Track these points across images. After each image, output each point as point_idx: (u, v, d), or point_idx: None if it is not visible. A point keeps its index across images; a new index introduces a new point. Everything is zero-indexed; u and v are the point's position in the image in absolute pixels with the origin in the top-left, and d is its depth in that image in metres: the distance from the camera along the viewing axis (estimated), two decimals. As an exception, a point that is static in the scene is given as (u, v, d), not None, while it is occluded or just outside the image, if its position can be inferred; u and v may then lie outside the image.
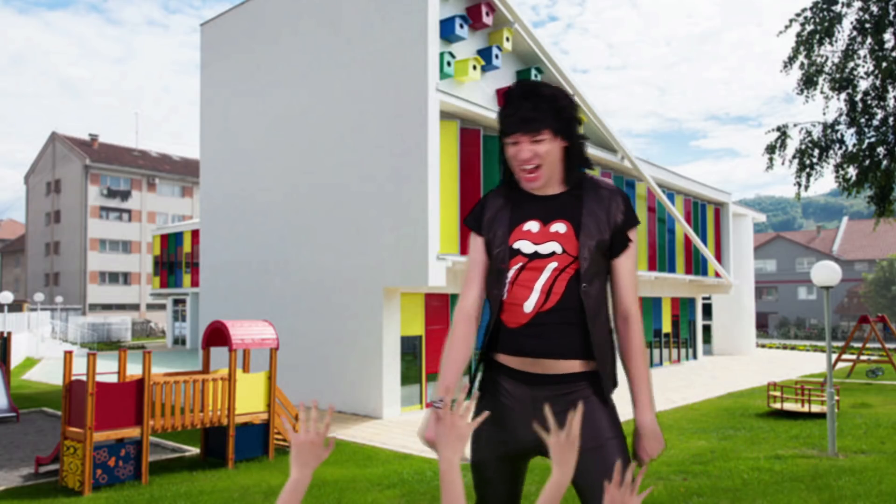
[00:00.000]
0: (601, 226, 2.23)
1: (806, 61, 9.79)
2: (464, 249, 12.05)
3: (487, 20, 12.15)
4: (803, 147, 10.13)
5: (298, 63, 13.43)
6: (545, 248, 2.22)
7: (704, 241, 21.59)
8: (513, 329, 2.22)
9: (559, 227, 2.23)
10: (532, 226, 2.26)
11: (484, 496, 2.33)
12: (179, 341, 31.45)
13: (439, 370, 2.32)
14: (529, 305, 2.19)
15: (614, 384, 2.28)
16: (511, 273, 2.23)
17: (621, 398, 2.21)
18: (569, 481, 1.73)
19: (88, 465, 6.65)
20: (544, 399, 2.12)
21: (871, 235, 53.77)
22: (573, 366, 2.19)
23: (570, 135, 2.23)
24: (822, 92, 9.87)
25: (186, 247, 29.58)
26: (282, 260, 13.50)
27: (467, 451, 2.37)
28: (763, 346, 31.86)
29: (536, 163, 2.19)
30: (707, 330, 25.80)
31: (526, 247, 2.24)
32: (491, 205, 2.37)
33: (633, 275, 2.31)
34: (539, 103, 2.17)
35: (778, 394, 11.50)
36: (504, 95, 2.28)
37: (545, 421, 2.06)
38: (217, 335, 8.16)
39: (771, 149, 10.34)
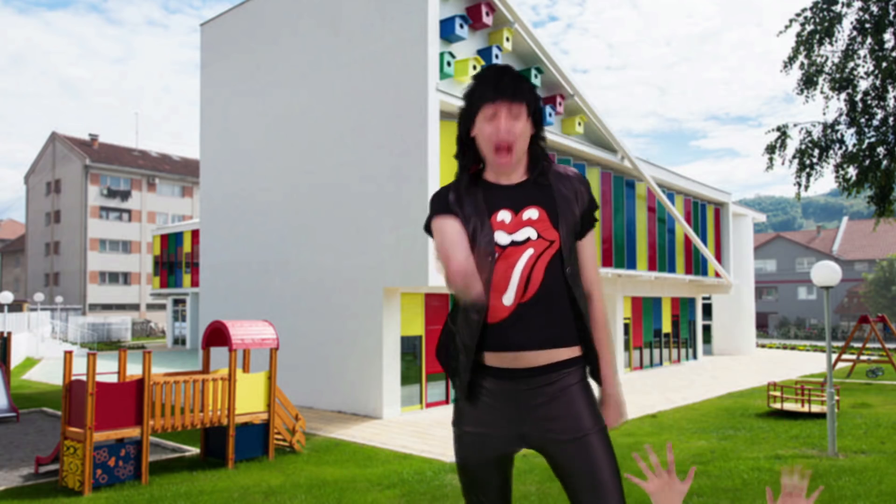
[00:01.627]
0: (574, 208, 2.23)
1: (806, 61, 9.80)
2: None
3: (487, 20, 12.15)
4: (803, 147, 10.14)
5: (298, 63, 13.43)
6: (520, 236, 2.16)
7: (704, 241, 21.59)
8: (494, 325, 2.13)
9: (531, 213, 2.19)
10: (504, 215, 2.19)
11: (476, 498, 2.30)
12: (179, 341, 31.45)
13: (460, 280, 1.94)
14: (509, 298, 2.12)
15: (594, 365, 2.25)
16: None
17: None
18: None
19: (88, 465, 6.65)
20: (527, 391, 2.13)
21: (871, 235, 53.77)
22: (556, 355, 2.16)
23: (538, 121, 2.24)
24: (822, 92, 9.88)
25: (186, 247, 29.59)
26: (282, 260, 13.50)
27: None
28: (763, 346, 31.86)
29: (513, 140, 2.15)
30: (707, 330, 25.81)
31: (501, 238, 2.16)
32: (453, 194, 2.26)
33: (595, 254, 2.35)
34: (517, 79, 2.19)
35: (778, 394, 11.50)
36: (475, 77, 2.24)
37: (528, 413, 2.13)
38: (217, 335, 8.16)
39: (771, 149, 10.35)
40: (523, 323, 2.12)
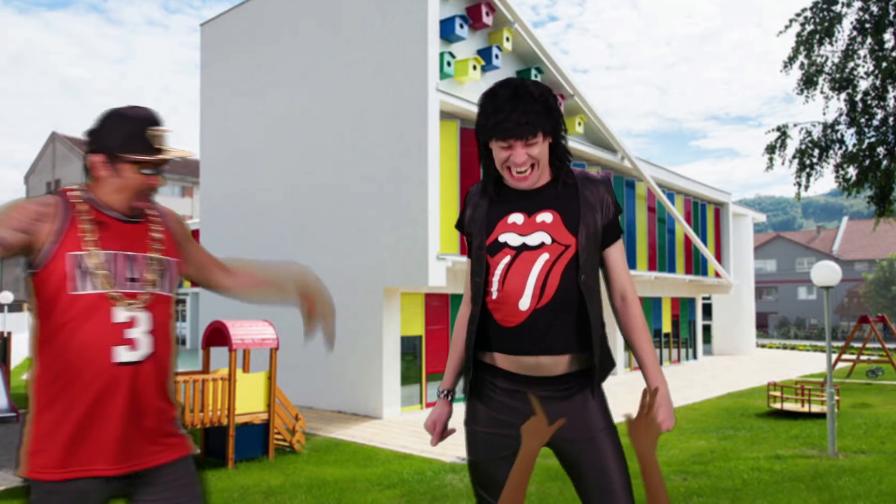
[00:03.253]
0: (597, 216, 2.20)
1: (806, 61, 9.79)
2: (464, 249, 12.06)
3: (487, 20, 12.15)
4: (803, 147, 10.14)
5: (298, 63, 13.44)
6: (533, 240, 2.15)
7: (704, 241, 21.59)
8: (508, 328, 2.15)
9: (545, 216, 2.17)
10: (517, 218, 2.19)
11: (486, 496, 2.30)
12: (179, 341, 31.39)
13: (446, 368, 2.49)
14: (525, 303, 2.12)
15: (606, 373, 2.27)
16: (500, 268, 2.16)
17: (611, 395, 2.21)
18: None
19: (88, 465, 6.64)
20: (544, 398, 2.14)
21: (871, 235, 53.77)
22: (569, 363, 2.17)
23: (557, 132, 2.19)
24: (822, 92, 9.88)
25: (186, 247, 29.55)
26: (282, 260, 13.49)
27: (464, 452, 2.38)
28: (763, 346, 31.87)
29: (530, 164, 2.15)
30: (707, 330, 25.81)
31: (513, 239, 2.16)
32: (471, 202, 2.34)
33: (625, 261, 2.33)
34: (531, 106, 2.10)
35: (778, 394, 11.50)
36: (487, 98, 2.16)
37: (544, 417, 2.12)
38: (217, 335, 8.16)
39: (771, 149, 10.34)
40: (537, 329, 2.13)
